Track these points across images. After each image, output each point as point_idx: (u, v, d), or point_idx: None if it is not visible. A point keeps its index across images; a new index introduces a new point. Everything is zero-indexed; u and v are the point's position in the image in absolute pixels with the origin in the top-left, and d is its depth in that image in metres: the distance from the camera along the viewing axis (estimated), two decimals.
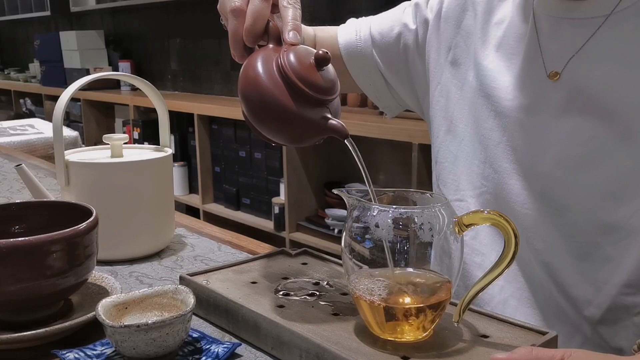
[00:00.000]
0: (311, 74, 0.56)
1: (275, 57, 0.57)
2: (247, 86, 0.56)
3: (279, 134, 0.58)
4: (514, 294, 0.75)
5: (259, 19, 0.60)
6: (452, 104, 0.81)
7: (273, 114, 0.55)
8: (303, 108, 0.55)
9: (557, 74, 0.69)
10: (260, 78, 0.55)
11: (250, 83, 0.56)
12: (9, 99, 5.10)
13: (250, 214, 2.90)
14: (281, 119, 0.56)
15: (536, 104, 0.71)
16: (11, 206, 0.70)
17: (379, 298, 0.54)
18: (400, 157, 2.39)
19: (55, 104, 0.81)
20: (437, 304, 0.54)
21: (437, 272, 0.55)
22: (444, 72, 0.82)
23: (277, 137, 0.58)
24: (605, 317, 0.69)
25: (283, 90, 0.55)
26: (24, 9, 4.94)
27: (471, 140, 0.78)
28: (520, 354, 0.48)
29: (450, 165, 0.81)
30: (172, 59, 3.83)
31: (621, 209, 0.66)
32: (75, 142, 2.20)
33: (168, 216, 0.88)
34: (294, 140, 0.59)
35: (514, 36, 0.75)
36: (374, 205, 0.55)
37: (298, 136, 0.58)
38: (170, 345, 0.54)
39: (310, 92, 0.55)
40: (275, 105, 0.55)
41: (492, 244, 0.76)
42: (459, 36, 0.81)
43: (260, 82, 0.55)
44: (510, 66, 0.74)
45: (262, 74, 0.56)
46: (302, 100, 0.55)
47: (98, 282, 0.70)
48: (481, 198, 0.77)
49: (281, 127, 0.57)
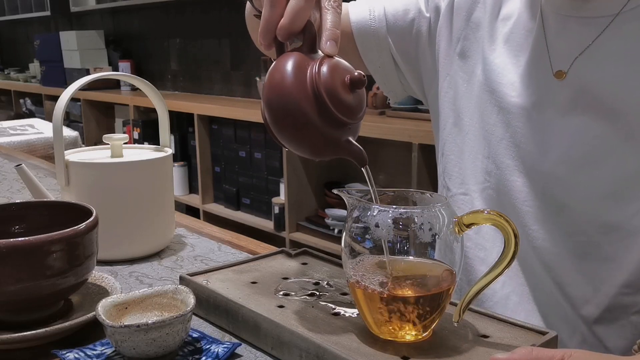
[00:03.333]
0: (343, 94, 0.53)
1: (310, 67, 0.53)
2: (274, 90, 0.53)
3: (296, 145, 0.55)
4: (515, 290, 0.75)
5: (298, 19, 0.55)
6: (460, 96, 0.80)
7: (295, 125, 0.53)
8: (327, 127, 0.53)
9: (563, 73, 0.69)
10: (289, 85, 0.52)
11: (277, 87, 0.53)
12: (9, 99, 5.10)
13: (250, 214, 2.90)
14: (302, 132, 0.53)
15: (541, 102, 0.71)
16: (11, 206, 0.70)
17: (374, 285, 0.53)
18: (400, 157, 2.39)
19: (55, 104, 0.81)
20: (438, 294, 0.54)
21: (440, 261, 0.55)
22: (453, 63, 0.81)
23: (293, 147, 0.56)
24: (603, 316, 0.69)
25: (311, 104, 0.52)
26: (24, 9, 4.94)
27: (476, 134, 0.78)
28: (520, 354, 0.48)
29: (456, 158, 0.81)
30: (172, 59, 3.83)
31: (623, 209, 0.66)
32: (75, 142, 2.20)
33: (168, 216, 0.88)
34: (308, 153, 0.56)
35: (521, 32, 0.74)
36: (374, 205, 0.55)
37: (314, 151, 0.55)
38: (170, 345, 0.54)
39: (339, 114, 0.52)
40: (299, 118, 0.52)
41: (494, 239, 0.76)
42: (468, 28, 0.80)
43: (288, 89, 0.52)
44: (516, 62, 0.74)
45: (292, 81, 0.52)
46: (328, 119, 0.53)
47: (98, 282, 0.70)
48: (484, 193, 0.77)
49: (300, 140, 0.54)
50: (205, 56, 3.55)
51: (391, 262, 0.54)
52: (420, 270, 0.55)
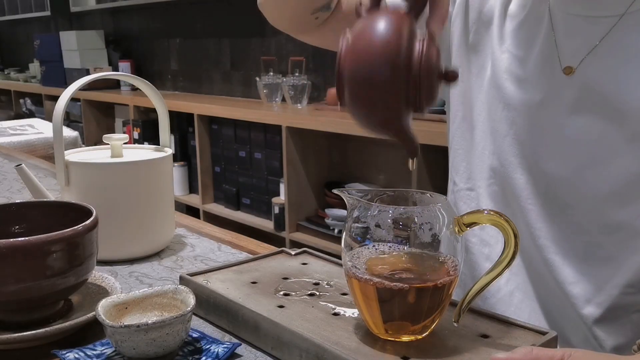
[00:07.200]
0: (435, 82, 0.51)
1: (418, 43, 0.49)
2: (372, 44, 0.49)
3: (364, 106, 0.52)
4: (520, 287, 0.75)
5: None
6: (470, 90, 0.80)
7: (378, 87, 0.49)
8: (406, 105, 0.51)
9: (572, 69, 0.69)
10: (391, 48, 0.49)
11: (377, 43, 0.49)
12: (9, 99, 5.10)
13: (250, 214, 2.90)
14: (381, 98, 0.50)
15: (547, 100, 0.70)
16: (11, 206, 0.70)
17: (372, 282, 0.53)
18: (401, 157, 2.39)
19: (55, 104, 0.81)
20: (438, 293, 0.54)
21: (440, 260, 0.55)
22: (465, 56, 0.81)
23: (359, 106, 0.52)
24: (604, 316, 0.69)
25: (404, 78, 0.49)
26: (24, 9, 4.94)
27: (484, 130, 0.77)
28: (520, 354, 0.48)
29: (464, 153, 0.80)
30: (172, 59, 3.83)
31: (626, 209, 0.66)
32: (75, 142, 2.20)
33: (168, 216, 0.88)
34: (366, 124, 0.53)
35: (530, 29, 0.73)
36: (374, 205, 0.54)
37: (375, 125, 0.53)
38: (170, 345, 0.54)
39: (423, 99, 0.50)
40: (387, 82, 0.49)
41: (499, 235, 0.76)
42: (479, 21, 0.79)
43: (389, 50, 0.49)
44: (523, 59, 0.73)
45: (395, 47, 0.49)
46: (411, 98, 0.50)
47: (98, 282, 0.70)
48: (490, 189, 0.77)
49: (372, 103, 0.51)
50: (205, 56, 3.55)
51: (391, 261, 0.54)
52: (421, 269, 0.55)
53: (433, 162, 2.02)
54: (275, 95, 2.88)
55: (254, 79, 3.06)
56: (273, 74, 2.90)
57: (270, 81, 2.87)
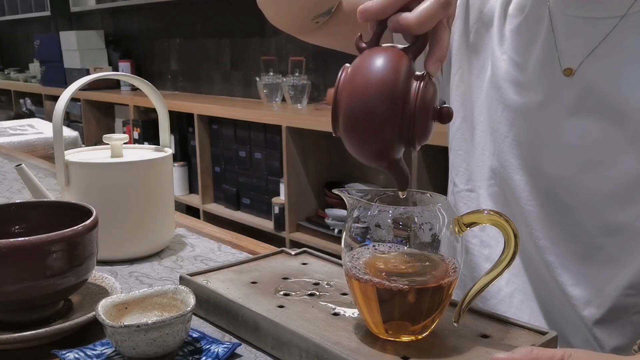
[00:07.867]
0: (429, 121, 0.52)
1: (415, 82, 0.50)
2: (371, 79, 0.50)
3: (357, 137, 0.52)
4: (520, 288, 0.75)
5: (426, 23, 0.50)
6: (470, 91, 0.79)
7: (373, 121, 0.50)
8: (398, 141, 0.51)
9: (572, 71, 0.69)
10: (389, 84, 0.50)
11: (376, 78, 0.50)
12: (9, 99, 5.10)
13: (250, 214, 2.90)
14: (374, 131, 0.51)
15: (547, 102, 0.70)
16: (11, 206, 0.70)
17: (372, 282, 0.53)
18: None
19: (55, 104, 0.81)
20: (438, 293, 0.54)
21: (441, 260, 0.55)
22: (465, 57, 0.80)
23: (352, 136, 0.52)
24: (604, 317, 0.69)
25: (398, 115, 0.50)
26: (24, 9, 4.94)
27: (484, 131, 0.77)
28: (520, 354, 0.48)
29: (464, 154, 0.80)
30: (172, 59, 3.83)
31: (627, 211, 0.66)
32: (75, 142, 2.20)
33: (168, 216, 0.88)
34: (359, 154, 0.53)
35: (529, 30, 0.73)
36: (374, 205, 0.54)
37: (367, 156, 0.53)
38: (170, 345, 0.54)
39: (415, 136, 0.51)
40: (380, 117, 0.50)
41: (499, 236, 0.76)
42: (480, 21, 0.79)
43: (387, 86, 0.50)
44: (523, 60, 0.73)
45: (393, 84, 0.50)
46: (403, 135, 0.51)
47: (98, 282, 0.70)
48: (490, 190, 0.77)
49: (363, 141, 0.52)
50: (205, 56, 3.55)
51: (391, 261, 0.54)
52: (421, 270, 0.55)
53: (433, 162, 2.02)
54: (275, 95, 2.88)
55: (254, 79, 3.06)
56: (273, 74, 2.90)
57: (270, 81, 2.87)
